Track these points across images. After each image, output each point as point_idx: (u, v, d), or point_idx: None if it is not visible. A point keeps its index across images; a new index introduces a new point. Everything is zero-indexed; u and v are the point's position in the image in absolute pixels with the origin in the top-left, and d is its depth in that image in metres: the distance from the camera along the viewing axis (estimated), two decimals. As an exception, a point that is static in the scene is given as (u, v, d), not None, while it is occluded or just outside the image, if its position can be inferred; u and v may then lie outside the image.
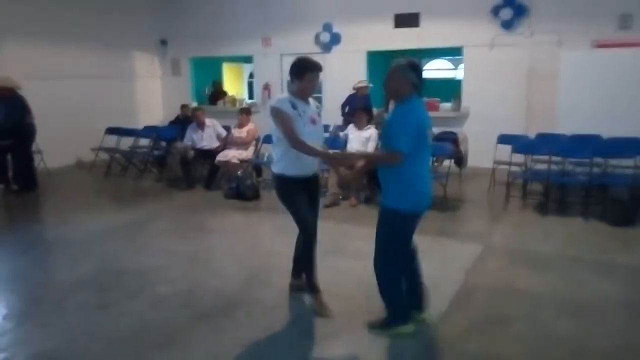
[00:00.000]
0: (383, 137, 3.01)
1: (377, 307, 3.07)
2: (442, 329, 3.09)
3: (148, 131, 8.25)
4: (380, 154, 3.14)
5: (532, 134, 6.81)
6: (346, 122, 7.13)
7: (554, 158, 5.86)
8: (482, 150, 6.93)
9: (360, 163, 3.31)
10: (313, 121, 3.26)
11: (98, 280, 3.91)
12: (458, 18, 7.92)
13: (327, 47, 9.10)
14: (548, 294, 3.57)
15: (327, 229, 3.99)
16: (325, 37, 9.11)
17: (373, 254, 2.99)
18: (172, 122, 8.87)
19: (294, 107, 3.18)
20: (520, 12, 7.47)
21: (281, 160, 3.24)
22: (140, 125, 8.74)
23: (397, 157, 2.74)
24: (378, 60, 9.26)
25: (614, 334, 3.03)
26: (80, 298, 3.59)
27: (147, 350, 2.91)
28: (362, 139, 6.13)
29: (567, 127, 6.47)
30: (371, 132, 6.18)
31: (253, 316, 3.30)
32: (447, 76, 13.44)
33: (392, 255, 2.93)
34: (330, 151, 3.79)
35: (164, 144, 8.19)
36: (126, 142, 8.18)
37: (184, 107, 9.09)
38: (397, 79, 2.81)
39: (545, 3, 7.32)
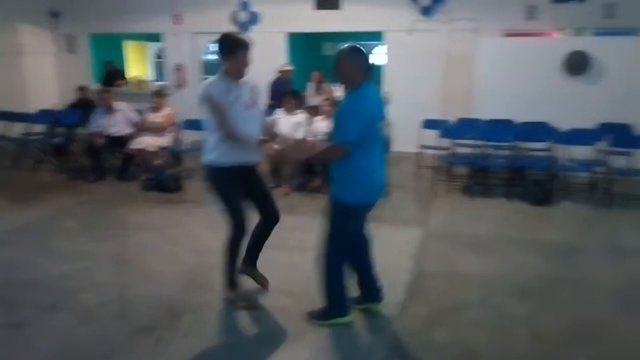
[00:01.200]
0: (333, 127, 2.76)
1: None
2: (404, 321, 3.02)
3: (44, 116, 7.22)
4: (324, 148, 2.92)
5: (448, 119, 6.98)
6: (271, 107, 6.83)
7: (475, 142, 6.07)
8: (402, 135, 7.00)
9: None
10: (249, 105, 2.97)
11: (3, 294, 3.29)
12: (379, 2, 7.89)
13: (244, 27, 8.61)
14: (494, 276, 3.66)
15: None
16: (242, 16, 8.63)
17: (315, 246, 2.89)
18: (72, 106, 7.88)
19: (228, 91, 2.86)
20: (438, -2, 7.64)
21: (215, 149, 2.91)
22: (30, 109, 7.63)
23: (342, 150, 2.63)
24: (299, 42, 9.02)
25: (563, 311, 3.16)
26: (-17, 318, 2.99)
27: (80, 376, 2.48)
28: (291, 124, 5.88)
29: (481, 112, 6.75)
30: (302, 116, 5.96)
31: (201, 323, 2.98)
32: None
33: (336, 244, 2.83)
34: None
35: (62, 130, 7.24)
36: (16, 129, 7.12)
37: (82, 89, 8.13)
38: (347, 64, 2.65)
39: (462, -9, 7.55)
